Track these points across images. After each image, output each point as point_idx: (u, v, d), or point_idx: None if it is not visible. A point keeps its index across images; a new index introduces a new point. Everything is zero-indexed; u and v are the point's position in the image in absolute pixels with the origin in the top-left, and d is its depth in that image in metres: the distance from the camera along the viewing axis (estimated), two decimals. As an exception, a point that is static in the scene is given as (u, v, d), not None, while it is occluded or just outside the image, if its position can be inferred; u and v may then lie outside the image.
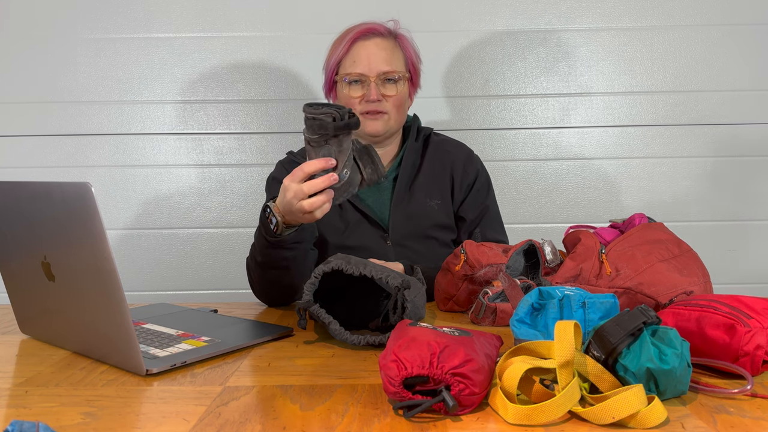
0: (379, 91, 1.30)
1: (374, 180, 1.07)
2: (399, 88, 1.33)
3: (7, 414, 0.69)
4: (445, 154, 1.43)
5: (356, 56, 1.31)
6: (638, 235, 1.09)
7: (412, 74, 1.39)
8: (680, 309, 0.83)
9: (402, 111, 1.36)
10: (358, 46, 1.31)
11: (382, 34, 1.33)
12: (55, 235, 0.82)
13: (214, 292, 1.93)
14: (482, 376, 0.67)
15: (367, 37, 1.32)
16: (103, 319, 0.82)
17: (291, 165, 1.40)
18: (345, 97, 1.33)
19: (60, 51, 1.86)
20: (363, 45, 1.31)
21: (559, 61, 1.89)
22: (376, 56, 1.30)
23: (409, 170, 1.39)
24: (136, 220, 1.91)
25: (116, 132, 1.89)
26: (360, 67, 1.30)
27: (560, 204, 1.93)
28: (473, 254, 1.14)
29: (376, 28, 1.33)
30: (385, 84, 1.31)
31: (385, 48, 1.32)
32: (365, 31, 1.32)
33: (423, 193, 1.38)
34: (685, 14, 1.87)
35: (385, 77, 1.31)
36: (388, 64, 1.31)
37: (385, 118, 1.33)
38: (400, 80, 1.33)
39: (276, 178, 1.40)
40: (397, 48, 1.35)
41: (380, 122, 1.32)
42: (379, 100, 1.30)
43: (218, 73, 1.88)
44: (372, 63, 1.30)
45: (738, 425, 0.63)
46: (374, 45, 1.31)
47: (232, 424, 0.65)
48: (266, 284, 1.21)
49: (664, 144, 1.90)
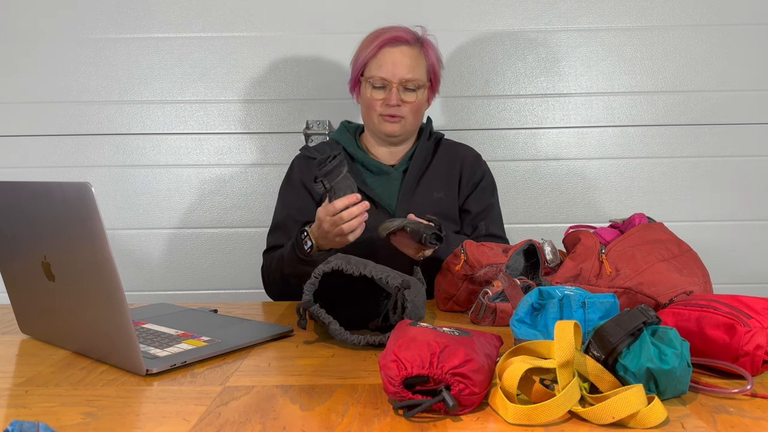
0: (399, 97, 1.39)
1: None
2: (418, 95, 1.41)
3: (7, 414, 0.69)
4: (455, 153, 1.51)
5: (382, 61, 1.39)
6: (638, 235, 1.09)
7: (433, 81, 1.47)
8: (680, 309, 0.83)
9: (419, 115, 1.45)
10: (385, 52, 1.39)
11: (409, 42, 1.40)
12: (56, 235, 0.82)
13: (214, 292, 1.93)
14: (482, 376, 0.67)
15: (395, 45, 1.39)
16: (103, 319, 0.82)
17: (305, 161, 1.48)
18: (368, 98, 1.42)
19: (60, 51, 1.86)
20: (390, 51, 1.39)
21: (559, 61, 1.89)
22: (401, 63, 1.38)
23: (419, 164, 1.46)
24: (136, 220, 1.91)
25: (116, 132, 1.89)
26: (384, 72, 1.38)
27: (560, 204, 1.93)
28: (473, 254, 1.14)
29: (403, 36, 1.40)
30: (405, 91, 1.39)
31: (410, 56, 1.39)
32: (394, 38, 1.39)
33: (430, 186, 1.45)
34: (685, 14, 1.87)
35: (406, 85, 1.39)
36: (410, 72, 1.38)
37: (402, 122, 1.42)
38: (420, 88, 1.41)
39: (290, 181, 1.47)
40: (421, 56, 1.42)
41: (397, 125, 1.42)
42: (398, 105, 1.39)
43: (218, 73, 1.88)
44: (396, 69, 1.38)
45: (738, 425, 0.63)
46: (400, 53, 1.39)
47: (232, 424, 0.65)
48: (283, 288, 1.35)
49: (664, 144, 1.90)
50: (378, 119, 1.41)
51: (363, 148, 1.48)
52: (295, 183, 1.46)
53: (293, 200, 1.44)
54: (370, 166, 1.44)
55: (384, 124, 1.41)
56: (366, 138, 1.51)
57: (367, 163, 1.44)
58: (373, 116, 1.42)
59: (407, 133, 1.45)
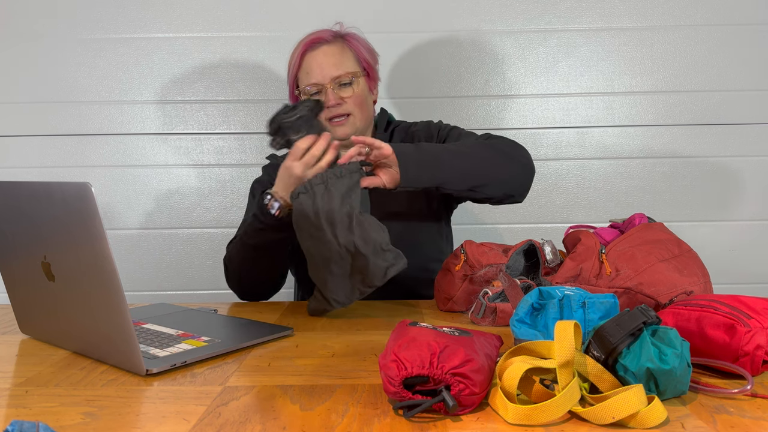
0: (336, 96, 1.35)
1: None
2: (355, 87, 1.37)
3: (7, 414, 0.69)
4: (408, 133, 1.47)
5: (308, 68, 1.36)
6: (638, 235, 1.09)
7: (367, 69, 1.42)
8: (680, 309, 0.83)
9: (366, 107, 1.40)
10: (308, 58, 1.36)
11: (327, 40, 1.37)
12: (55, 235, 0.82)
13: (214, 292, 1.93)
14: (482, 376, 0.67)
15: (315, 47, 1.36)
16: (103, 319, 0.82)
17: (274, 168, 1.43)
18: None
19: (60, 51, 1.86)
20: (312, 55, 1.36)
21: (559, 61, 1.89)
22: (326, 63, 1.35)
23: None
24: (136, 220, 1.91)
25: (116, 132, 1.89)
26: (314, 77, 1.35)
27: (560, 204, 1.93)
28: (473, 254, 1.14)
29: (321, 37, 1.37)
30: (340, 87, 1.36)
31: (333, 53, 1.36)
32: (312, 41, 1.37)
33: None
34: (685, 14, 1.87)
35: (339, 81, 1.35)
36: (338, 68, 1.35)
37: (350, 119, 1.37)
38: (355, 80, 1.37)
39: (261, 182, 1.44)
40: (345, 49, 1.39)
41: (347, 125, 1.37)
42: (338, 104, 1.35)
43: (218, 73, 1.88)
44: (323, 70, 1.34)
45: (738, 425, 0.63)
46: (322, 53, 1.36)
47: (232, 424, 0.65)
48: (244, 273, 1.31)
49: (664, 144, 1.90)
50: (328, 125, 1.35)
51: None
52: (266, 184, 1.42)
53: None
54: None
55: (334, 129, 1.35)
56: None
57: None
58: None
59: (359, 131, 1.39)
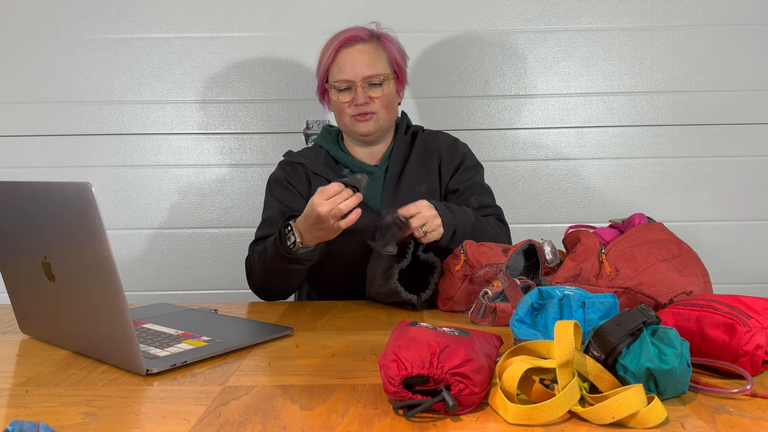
0: (365, 95, 1.37)
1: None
2: (384, 89, 1.39)
3: (7, 414, 0.69)
4: (432, 143, 1.50)
5: (341, 63, 1.38)
6: (638, 235, 1.09)
7: (397, 72, 1.45)
8: (680, 309, 0.83)
9: (391, 109, 1.43)
10: (343, 54, 1.38)
11: (364, 39, 1.39)
12: (56, 235, 0.82)
13: (214, 292, 1.93)
14: (482, 376, 0.67)
15: (350, 44, 1.38)
16: (103, 319, 0.82)
17: (291, 166, 1.46)
18: (336, 102, 1.41)
19: (60, 51, 1.86)
20: (347, 52, 1.38)
21: (559, 61, 1.89)
22: (360, 62, 1.37)
23: (398, 160, 1.45)
24: (136, 220, 1.91)
25: (116, 132, 1.89)
26: (346, 73, 1.37)
27: (560, 204, 1.93)
28: (473, 254, 1.14)
29: (358, 35, 1.39)
30: (371, 87, 1.38)
31: (368, 52, 1.38)
32: (348, 38, 1.39)
33: (412, 180, 1.44)
34: (685, 14, 1.87)
35: (370, 81, 1.37)
36: (371, 68, 1.37)
37: (374, 118, 1.40)
38: (385, 81, 1.40)
39: (278, 180, 1.45)
40: (379, 50, 1.41)
41: (370, 122, 1.40)
42: (366, 102, 1.38)
43: (218, 73, 1.88)
44: (356, 68, 1.37)
45: (738, 425, 0.63)
46: (357, 51, 1.38)
47: (232, 424, 0.65)
48: (264, 281, 1.34)
49: (664, 144, 1.90)
50: (350, 121, 1.39)
51: (346, 150, 1.48)
52: (283, 181, 1.44)
53: (284, 195, 1.42)
54: (354, 168, 1.43)
55: (356, 125, 1.39)
56: (347, 141, 1.50)
57: (350, 165, 1.44)
58: (345, 119, 1.41)
59: (382, 130, 1.43)
